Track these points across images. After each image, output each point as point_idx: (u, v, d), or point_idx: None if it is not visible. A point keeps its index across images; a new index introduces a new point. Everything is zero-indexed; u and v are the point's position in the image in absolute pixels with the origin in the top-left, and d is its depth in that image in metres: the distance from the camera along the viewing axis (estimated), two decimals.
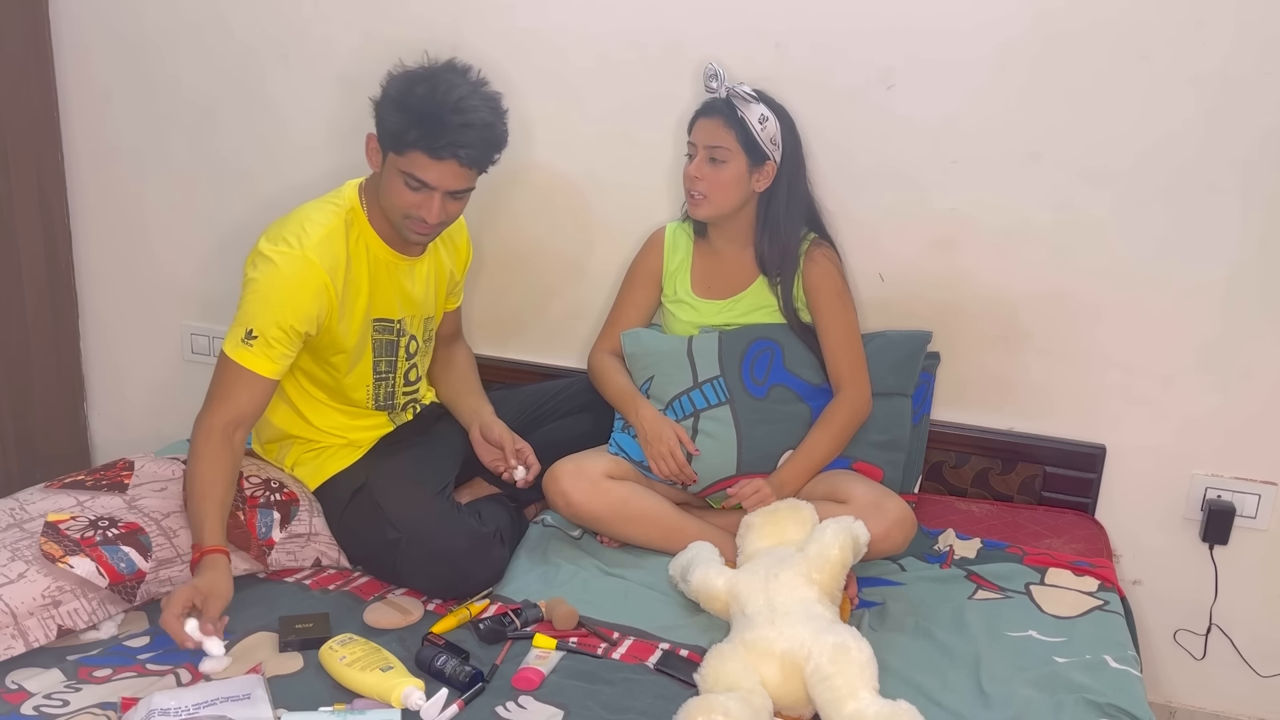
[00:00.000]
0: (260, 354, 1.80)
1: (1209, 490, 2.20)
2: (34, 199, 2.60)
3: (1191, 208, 2.09)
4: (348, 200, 1.91)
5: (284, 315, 1.79)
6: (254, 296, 1.81)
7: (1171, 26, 2.01)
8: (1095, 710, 1.56)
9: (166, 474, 1.90)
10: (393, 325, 1.98)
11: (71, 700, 1.50)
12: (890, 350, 2.17)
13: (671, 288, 2.19)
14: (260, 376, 1.81)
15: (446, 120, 1.75)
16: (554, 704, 1.53)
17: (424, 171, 1.79)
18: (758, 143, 2.01)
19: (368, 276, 1.91)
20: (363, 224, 1.91)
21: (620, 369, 2.16)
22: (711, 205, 2.05)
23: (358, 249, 1.89)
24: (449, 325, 2.23)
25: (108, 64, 2.57)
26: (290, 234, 1.83)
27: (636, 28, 2.24)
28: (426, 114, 1.75)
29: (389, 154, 1.82)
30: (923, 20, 2.11)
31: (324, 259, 1.82)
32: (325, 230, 1.85)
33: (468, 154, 1.78)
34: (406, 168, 1.79)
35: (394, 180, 1.82)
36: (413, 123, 1.75)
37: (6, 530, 1.70)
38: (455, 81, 1.79)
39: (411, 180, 1.79)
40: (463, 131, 1.76)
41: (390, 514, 1.87)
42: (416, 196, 1.81)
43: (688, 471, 2.03)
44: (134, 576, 1.70)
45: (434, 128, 1.75)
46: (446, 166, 1.78)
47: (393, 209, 1.85)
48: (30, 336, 2.65)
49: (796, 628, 1.59)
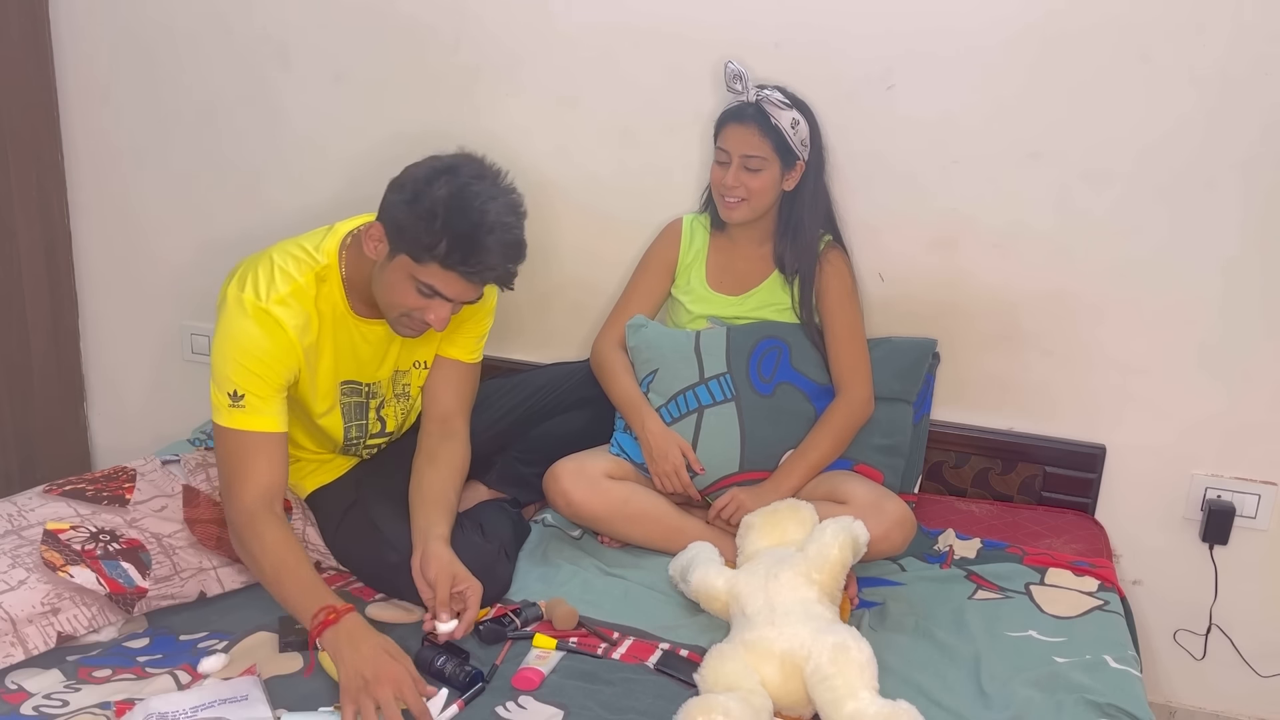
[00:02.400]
0: (254, 412, 1.69)
1: (1209, 490, 2.20)
2: (34, 199, 2.60)
3: (1192, 207, 2.09)
4: (326, 255, 1.77)
5: (260, 368, 1.69)
6: (224, 356, 1.69)
7: (1171, 26, 2.01)
8: (1095, 710, 1.57)
9: (167, 488, 1.89)
10: (360, 388, 1.89)
11: (71, 700, 1.50)
12: (896, 357, 2.17)
13: (685, 279, 2.19)
14: (268, 434, 1.70)
15: (484, 243, 1.63)
16: (554, 704, 1.54)
17: (444, 285, 1.66)
18: (791, 147, 2.02)
19: (331, 338, 1.79)
20: (334, 284, 1.78)
21: (627, 369, 2.15)
22: (748, 209, 2.06)
23: (325, 308, 1.77)
24: (451, 389, 1.96)
25: (108, 64, 2.57)
26: (260, 281, 1.71)
27: (636, 26, 2.24)
28: (463, 234, 1.62)
29: (401, 256, 1.67)
30: (923, 20, 2.11)
31: (289, 316, 1.71)
32: (292, 286, 1.72)
33: (499, 276, 1.69)
34: (424, 278, 1.66)
35: (401, 281, 1.68)
36: (443, 239, 1.61)
37: (5, 537, 1.70)
38: (485, 192, 1.65)
39: (425, 288, 1.67)
40: (501, 253, 1.65)
41: (389, 536, 1.81)
42: (423, 301, 1.69)
43: (692, 491, 2.04)
44: (134, 592, 1.70)
45: (472, 251, 1.62)
46: (470, 286, 1.68)
47: (390, 306, 1.73)
48: (30, 336, 2.65)
49: (796, 628, 1.59)
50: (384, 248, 1.70)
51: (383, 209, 1.71)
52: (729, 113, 2.05)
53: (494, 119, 2.35)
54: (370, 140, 2.43)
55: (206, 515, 1.86)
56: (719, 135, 2.06)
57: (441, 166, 1.67)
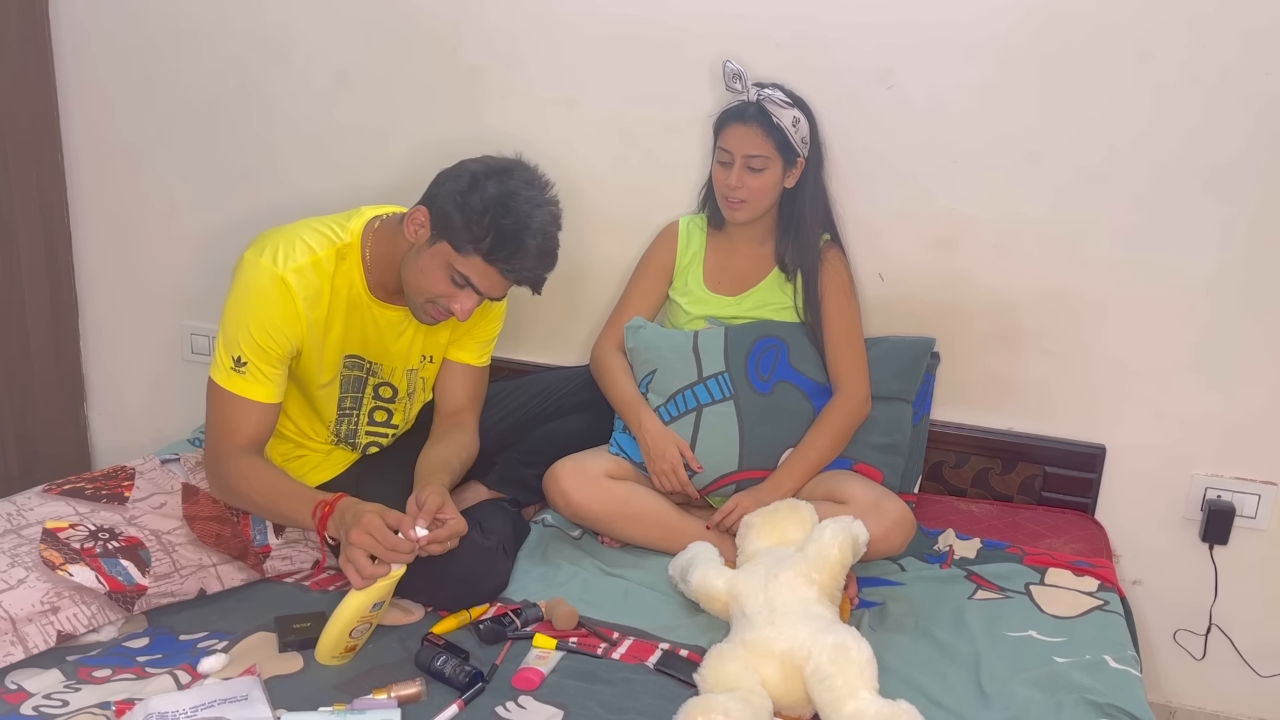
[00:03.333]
0: (254, 380, 1.74)
1: (1209, 490, 2.20)
2: (34, 199, 2.60)
3: (1192, 207, 2.09)
4: (350, 235, 1.82)
5: (262, 336, 1.73)
6: (231, 318, 1.74)
7: (1171, 26, 2.01)
8: (1095, 710, 1.57)
9: (166, 486, 1.89)
10: (363, 363, 1.91)
11: (71, 700, 1.50)
12: (894, 356, 2.17)
13: (682, 281, 2.20)
14: (259, 404, 1.76)
15: (526, 245, 1.70)
16: (554, 704, 1.54)
17: (480, 279, 1.73)
18: (792, 146, 2.02)
19: (344, 315, 1.83)
20: (354, 262, 1.82)
21: (625, 370, 2.16)
22: (750, 209, 2.06)
23: (341, 285, 1.81)
24: (461, 388, 2.02)
25: (108, 64, 2.57)
26: (280, 248, 1.76)
27: (637, 26, 2.24)
28: (509, 233, 1.69)
29: (441, 243, 1.72)
30: (923, 20, 2.11)
31: (301, 286, 1.74)
32: (311, 258, 1.77)
33: (532, 279, 1.75)
34: (462, 268, 1.72)
35: (436, 268, 1.73)
36: (490, 235, 1.68)
37: (4, 536, 1.70)
38: (534, 199, 1.72)
39: (459, 278, 1.73)
40: (539, 258, 1.73)
41: None
42: (453, 290, 1.75)
43: (690, 490, 2.04)
44: (134, 589, 1.70)
45: (515, 251, 1.70)
46: (504, 284, 1.75)
47: (418, 290, 1.77)
48: (30, 336, 2.65)
49: (796, 628, 1.59)
50: (425, 233, 1.75)
51: (431, 196, 1.76)
52: (730, 112, 2.05)
53: (495, 118, 2.36)
54: (370, 140, 2.43)
55: (206, 512, 1.85)
56: (720, 135, 2.06)
57: (497, 166, 1.74)
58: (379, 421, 1.99)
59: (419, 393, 2.03)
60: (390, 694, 1.53)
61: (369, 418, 1.98)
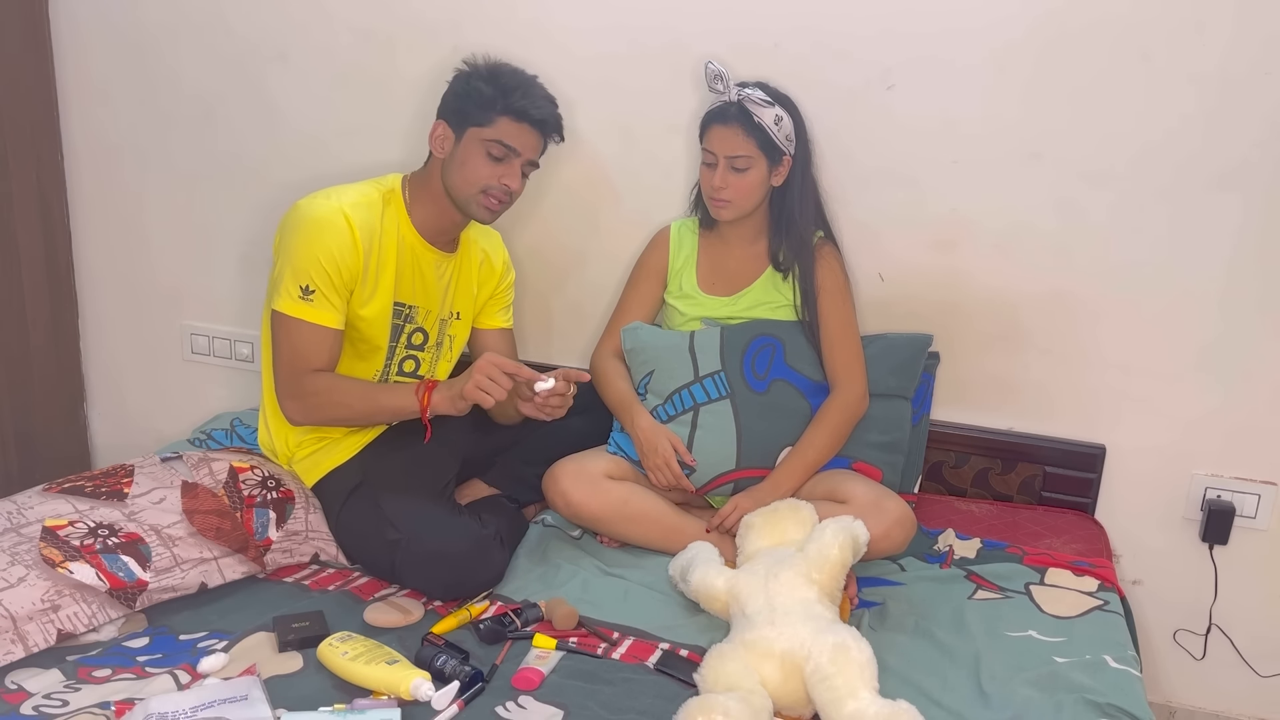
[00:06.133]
0: (321, 307, 1.86)
1: (1209, 490, 2.20)
2: (34, 199, 2.61)
3: (1192, 208, 2.09)
4: (389, 184, 1.99)
5: (329, 263, 1.85)
6: (297, 250, 1.86)
7: (1171, 26, 2.01)
8: (1095, 710, 1.56)
9: (166, 481, 1.89)
10: (404, 310, 2.00)
11: (71, 700, 1.50)
12: (891, 353, 2.17)
13: (676, 284, 2.20)
14: (329, 329, 1.88)
15: (533, 84, 1.93)
16: (554, 704, 1.53)
17: (512, 137, 1.90)
18: (776, 144, 2.02)
19: (395, 257, 1.96)
20: (399, 207, 1.98)
21: (621, 374, 2.16)
22: (736, 209, 2.07)
23: (389, 227, 1.95)
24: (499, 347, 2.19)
25: (108, 63, 2.57)
26: (331, 194, 1.91)
27: (636, 26, 2.24)
28: (517, 84, 1.91)
29: (469, 129, 1.90)
30: (923, 21, 2.11)
31: (357, 218, 1.89)
32: (363, 197, 1.93)
33: (549, 120, 1.93)
34: (492, 135, 1.89)
35: (474, 155, 1.90)
36: (505, 92, 1.89)
37: (4, 534, 1.70)
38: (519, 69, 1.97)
39: (496, 147, 1.89)
40: (546, 102, 1.94)
41: (390, 514, 1.87)
42: (499, 167, 1.91)
43: (684, 483, 2.04)
44: (135, 585, 1.70)
45: (527, 94, 1.91)
46: (532, 133, 1.92)
47: (467, 185, 1.92)
48: (30, 336, 2.65)
49: (796, 628, 1.59)
50: (450, 136, 1.93)
51: (440, 110, 1.96)
52: (712, 114, 2.06)
53: None
54: (370, 140, 2.43)
55: (206, 506, 1.86)
56: (703, 137, 2.07)
57: (496, 62, 1.97)
58: (407, 372, 2.06)
59: (445, 350, 2.11)
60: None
61: (399, 367, 2.04)
